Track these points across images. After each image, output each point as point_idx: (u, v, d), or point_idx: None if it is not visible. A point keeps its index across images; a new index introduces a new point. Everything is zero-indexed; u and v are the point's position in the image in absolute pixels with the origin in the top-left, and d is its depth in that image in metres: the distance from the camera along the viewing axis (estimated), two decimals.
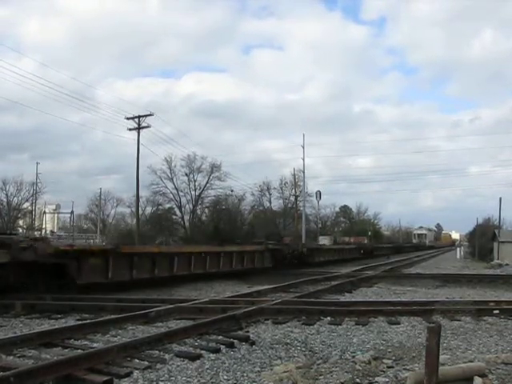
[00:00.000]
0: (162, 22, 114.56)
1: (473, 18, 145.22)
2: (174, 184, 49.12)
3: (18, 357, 5.62)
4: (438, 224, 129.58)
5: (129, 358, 5.46)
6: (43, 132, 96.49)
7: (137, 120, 37.48)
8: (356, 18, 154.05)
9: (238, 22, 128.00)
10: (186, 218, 49.64)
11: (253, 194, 55.52)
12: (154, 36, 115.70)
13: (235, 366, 5.37)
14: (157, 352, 5.80)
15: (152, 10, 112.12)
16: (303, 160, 44.91)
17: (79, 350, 5.82)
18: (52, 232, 62.34)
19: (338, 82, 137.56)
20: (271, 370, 5.19)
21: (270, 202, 58.19)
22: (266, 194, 57.78)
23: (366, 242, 54.41)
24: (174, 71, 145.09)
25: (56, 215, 67.31)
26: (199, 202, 49.39)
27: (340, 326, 7.79)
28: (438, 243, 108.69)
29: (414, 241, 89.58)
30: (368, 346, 6.44)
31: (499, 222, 49.67)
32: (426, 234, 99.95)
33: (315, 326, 7.81)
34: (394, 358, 5.78)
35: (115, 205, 66.42)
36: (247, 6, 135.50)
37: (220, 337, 6.72)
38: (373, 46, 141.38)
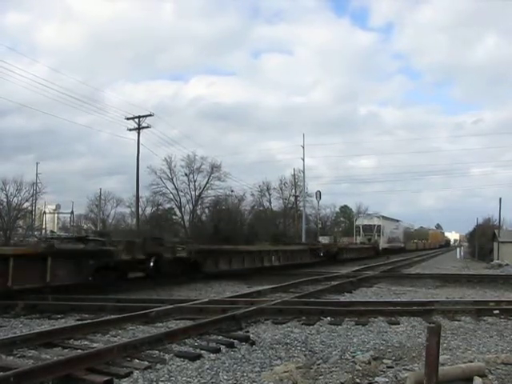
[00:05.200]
0: (175, 27, 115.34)
1: (476, 24, 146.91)
2: (173, 184, 49.23)
3: (18, 357, 5.62)
4: (437, 224, 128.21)
5: (129, 358, 5.46)
6: (50, 134, 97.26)
7: (137, 120, 37.52)
8: (364, 25, 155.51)
9: (249, 28, 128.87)
10: (186, 218, 49.73)
11: (252, 195, 55.55)
12: (166, 41, 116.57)
13: (235, 366, 5.37)
14: (157, 352, 5.80)
15: (166, 16, 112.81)
16: (303, 160, 45.03)
17: (79, 350, 5.82)
18: (52, 232, 62.34)
19: (345, 86, 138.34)
20: (271, 370, 5.19)
21: (270, 202, 58.27)
22: (266, 194, 57.85)
23: None
24: (183, 75, 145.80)
25: (56, 215, 67.29)
26: (199, 202, 49.46)
27: (340, 326, 7.79)
28: (421, 244, 74.33)
29: (359, 239, 48.07)
30: (368, 346, 6.44)
31: (499, 222, 49.76)
32: (379, 227, 49.29)
33: (315, 326, 7.82)
34: (393, 358, 5.79)
35: (115, 205, 66.43)
36: (260, 12, 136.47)
37: (220, 337, 6.72)
38: (379, 51, 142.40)
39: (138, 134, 37.47)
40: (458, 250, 51.03)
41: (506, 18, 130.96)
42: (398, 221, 60.80)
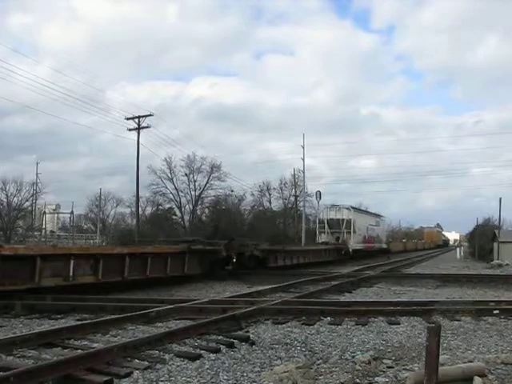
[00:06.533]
0: (178, 28, 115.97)
1: (477, 26, 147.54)
2: (173, 184, 49.23)
3: (18, 357, 5.62)
4: (437, 224, 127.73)
5: (129, 358, 5.47)
6: (52, 134, 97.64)
7: (137, 120, 37.53)
8: (366, 27, 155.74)
9: (252, 29, 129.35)
10: (186, 218, 49.72)
11: (252, 194, 55.48)
12: (169, 42, 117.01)
13: (235, 366, 5.38)
14: (157, 352, 5.80)
15: (169, 17, 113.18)
16: (303, 160, 44.99)
17: (79, 350, 5.82)
18: (52, 232, 62.35)
19: (346, 87, 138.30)
20: (271, 370, 5.19)
21: (270, 202, 58.18)
22: (266, 194, 57.81)
23: None
24: (185, 75, 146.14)
25: (56, 215, 67.31)
26: (199, 202, 49.47)
27: (340, 326, 7.79)
28: (412, 244, 66.07)
29: (323, 237, 35.98)
30: (368, 346, 6.44)
31: (499, 222, 49.64)
32: (349, 222, 36.01)
33: (315, 326, 7.81)
34: (393, 358, 5.79)
35: (115, 205, 66.47)
36: (262, 14, 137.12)
37: (220, 337, 6.72)
38: (381, 53, 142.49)
39: (138, 133, 37.48)
40: (457, 249, 50.99)
41: (507, 20, 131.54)
42: (379, 216, 48.60)
